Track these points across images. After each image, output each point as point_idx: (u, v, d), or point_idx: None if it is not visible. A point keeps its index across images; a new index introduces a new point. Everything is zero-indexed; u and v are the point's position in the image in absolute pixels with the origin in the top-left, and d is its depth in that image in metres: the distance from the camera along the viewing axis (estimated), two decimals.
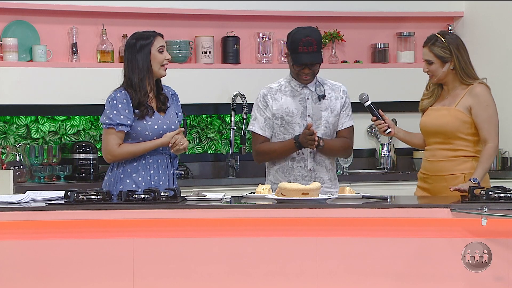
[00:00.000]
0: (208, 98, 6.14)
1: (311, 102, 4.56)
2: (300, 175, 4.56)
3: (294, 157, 4.56)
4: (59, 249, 3.87)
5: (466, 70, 4.53)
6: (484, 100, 4.50)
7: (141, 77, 4.44)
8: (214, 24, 6.20)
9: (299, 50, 4.47)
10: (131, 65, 4.45)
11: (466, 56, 4.54)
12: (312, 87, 4.58)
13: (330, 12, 6.21)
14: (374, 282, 3.85)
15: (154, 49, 4.46)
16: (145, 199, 4.00)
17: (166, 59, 4.49)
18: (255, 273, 3.87)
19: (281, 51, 6.29)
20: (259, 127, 4.59)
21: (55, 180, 5.73)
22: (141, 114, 4.43)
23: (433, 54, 4.53)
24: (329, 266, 3.86)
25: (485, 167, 4.45)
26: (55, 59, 5.88)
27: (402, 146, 6.54)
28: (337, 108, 4.59)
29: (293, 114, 4.55)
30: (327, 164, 4.59)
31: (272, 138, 4.61)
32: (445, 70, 4.53)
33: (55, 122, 6.00)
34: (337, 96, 4.60)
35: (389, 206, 3.97)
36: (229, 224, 3.89)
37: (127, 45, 4.50)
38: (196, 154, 6.28)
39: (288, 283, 3.86)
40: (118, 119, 4.41)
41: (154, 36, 4.49)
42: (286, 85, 4.60)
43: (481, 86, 4.53)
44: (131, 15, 5.98)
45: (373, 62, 6.47)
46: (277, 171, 4.59)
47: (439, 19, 6.56)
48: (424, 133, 4.64)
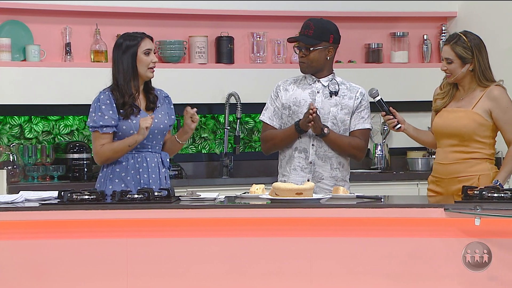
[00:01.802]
0: (202, 98, 6.13)
1: (321, 96, 4.58)
2: (300, 166, 4.57)
3: (297, 147, 4.57)
4: (53, 249, 3.86)
5: (485, 72, 4.46)
6: (504, 103, 4.45)
7: (127, 79, 4.44)
8: (208, 24, 6.20)
9: (299, 32, 4.57)
10: (117, 67, 4.46)
11: (486, 58, 4.48)
12: (326, 83, 4.60)
13: (324, 12, 6.20)
14: (368, 282, 3.85)
15: (140, 52, 4.45)
16: (139, 199, 4.00)
17: (153, 61, 4.48)
18: (249, 273, 3.86)
19: (275, 51, 6.29)
20: (268, 117, 4.65)
21: (49, 180, 5.72)
22: (125, 114, 4.43)
23: (454, 53, 4.45)
24: (323, 266, 3.86)
25: (508, 170, 4.42)
26: (48, 59, 5.88)
27: (396, 146, 6.55)
28: (349, 106, 4.58)
29: (300, 104, 4.57)
30: (332, 162, 4.59)
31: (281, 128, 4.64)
32: (464, 71, 4.46)
33: (49, 122, 5.99)
34: (352, 96, 4.61)
35: (383, 206, 3.97)
36: (223, 224, 3.88)
37: (115, 46, 4.51)
38: (190, 154, 6.27)
39: (282, 283, 3.86)
40: (102, 121, 4.42)
41: (142, 38, 4.48)
42: (302, 79, 4.65)
43: (499, 88, 4.48)
44: (124, 15, 5.98)
45: (367, 62, 6.48)
46: (286, 162, 4.61)
47: (433, 19, 6.57)
48: (438, 134, 4.56)
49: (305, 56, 4.55)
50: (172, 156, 4.65)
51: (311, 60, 4.55)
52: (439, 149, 4.59)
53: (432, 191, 4.61)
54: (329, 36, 4.55)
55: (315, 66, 4.56)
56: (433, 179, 4.61)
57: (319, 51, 4.54)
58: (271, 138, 4.62)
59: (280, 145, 4.61)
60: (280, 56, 6.30)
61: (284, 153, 4.63)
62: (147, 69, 4.47)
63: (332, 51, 4.58)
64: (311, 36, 4.53)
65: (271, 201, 4.00)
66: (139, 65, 4.46)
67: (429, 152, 6.37)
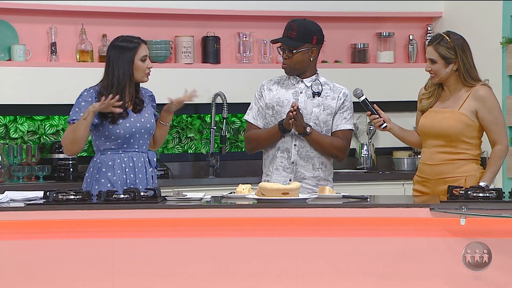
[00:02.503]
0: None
1: (304, 96, 4.58)
2: (282, 166, 4.57)
3: (279, 147, 4.57)
4: (38, 250, 3.84)
5: (470, 72, 4.46)
6: (490, 103, 4.45)
7: (121, 85, 4.42)
8: (194, 23, 6.19)
9: (282, 34, 4.55)
10: (112, 70, 4.43)
11: (470, 58, 4.47)
12: (309, 83, 4.60)
13: (310, 12, 6.21)
14: (354, 282, 3.86)
15: (137, 58, 4.45)
16: (125, 199, 3.99)
17: (149, 67, 4.48)
18: (235, 273, 3.86)
19: (261, 51, 6.29)
20: (252, 116, 4.65)
21: (34, 180, 5.70)
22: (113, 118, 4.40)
23: (437, 54, 4.45)
24: (310, 266, 3.86)
25: (494, 170, 4.43)
26: (34, 59, 5.86)
27: (382, 146, 6.57)
28: (331, 107, 4.59)
29: (283, 104, 4.57)
30: (314, 162, 4.59)
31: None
32: (448, 71, 4.46)
33: (34, 122, 5.97)
34: (335, 97, 4.61)
35: (369, 206, 3.97)
36: (209, 224, 3.88)
37: (111, 48, 4.47)
38: (176, 154, 6.26)
39: (268, 283, 3.86)
40: (76, 116, 4.40)
41: (139, 44, 4.47)
42: (285, 79, 4.64)
43: (484, 88, 4.47)
44: (110, 14, 5.96)
45: (353, 62, 6.49)
46: (270, 162, 4.61)
47: (419, 19, 6.59)
48: (424, 135, 4.55)
49: (289, 58, 4.54)
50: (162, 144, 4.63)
51: (294, 62, 4.55)
52: (425, 149, 4.58)
53: (417, 191, 4.60)
54: (312, 37, 4.54)
55: (298, 67, 4.56)
56: (419, 179, 4.61)
57: (302, 53, 4.54)
58: (256, 138, 4.62)
59: (264, 145, 4.62)
60: (267, 56, 6.30)
61: (268, 152, 4.63)
62: (144, 74, 4.47)
63: (316, 52, 4.58)
64: (294, 38, 4.51)
65: (258, 201, 4.00)
66: (136, 71, 4.45)
67: (415, 152, 6.39)
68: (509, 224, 3.82)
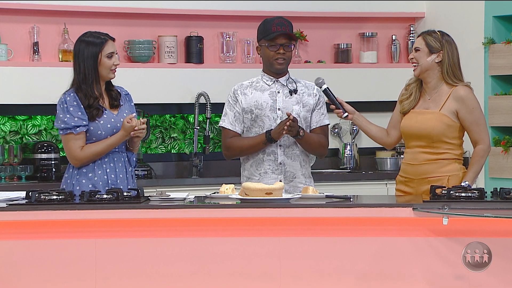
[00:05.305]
0: (172, 98, 6.12)
1: (281, 95, 4.58)
2: (270, 168, 4.57)
3: (264, 150, 4.56)
4: (21, 250, 3.83)
5: (453, 69, 4.47)
6: (470, 103, 4.47)
7: (89, 82, 4.41)
8: (177, 23, 6.19)
9: (273, 30, 4.51)
10: (78, 70, 4.42)
11: (456, 57, 4.49)
12: (284, 82, 4.60)
13: (293, 12, 6.22)
14: (337, 281, 3.86)
15: (103, 55, 4.42)
16: (107, 199, 3.98)
17: (115, 64, 4.45)
18: (219, 273, 3.86)
19: (244, 51, 6.29)
20: (229, 122, 4.61)
21: (16, 180, 5.67)
22: (91, 116, 4.40)
23: (424, 42, 4.48)
24: (292, 266, 3.86)
25: (476, 170, 4.45)
26: (16, 58, 5.83)
27: (365, 145, 6.58)
28: (309, 103, 4.60)
29: (262, 107, 4.57)
30: (301, 160, 4.60)
31: (244, 133, 4.62)
32: (429, 61, 4.47)
33: (16, 121, 5.94)
34: (310, 93, 4.62)
35: (352, 206, 3.98)
36: (193, 224, 3.88)
37: (76, 47, 4.45)
38: (160, 154, 6.25)
39: (251, 282, 3.86)
40: (73, 122, 4.39)
41: (106, 41, 4.45)
42: (258, 81, 4.64)
43: (465, 89, 4.49)
44: (93, 14, 5.94)
45: (336, 62, 6.50)
46: (251, 166, 4.60)
47: (401, 20, 6.61)
48: (406, 136, 4.57)
49: (285, 53, 4.54)
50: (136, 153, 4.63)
51: (289, 58, 4.57)
52: (408, 150, 4.60)
53: (400, 191, 4.62)
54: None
55: (288, 64, 4.59)
56: (402, 179, 4.62)
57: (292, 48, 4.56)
58: (238, 146, 4.58)
59: (247, 153, 4.60)
60: (250, 56, 6.30)
61: (248, 157, 4.61)
62: (109, 71, 4.45)
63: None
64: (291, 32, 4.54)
65: (241, 201, 4.00)
66: (101, 68, 4.42)
67: (397, 152, 6.41)
68: (508, 223, 3.82)
